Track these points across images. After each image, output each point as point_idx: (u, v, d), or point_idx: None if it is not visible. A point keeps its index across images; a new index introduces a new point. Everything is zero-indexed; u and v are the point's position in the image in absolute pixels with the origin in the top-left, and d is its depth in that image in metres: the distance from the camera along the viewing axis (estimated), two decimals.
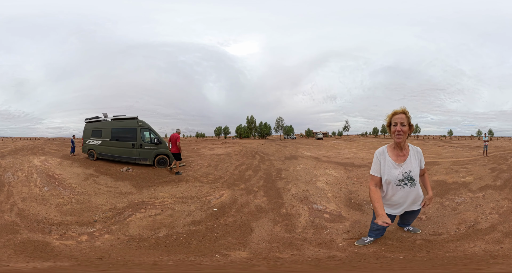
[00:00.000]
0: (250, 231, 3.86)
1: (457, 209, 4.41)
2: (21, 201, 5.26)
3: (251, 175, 7.85)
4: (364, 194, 5.49)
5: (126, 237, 3.66)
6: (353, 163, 10.12)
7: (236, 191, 6.01)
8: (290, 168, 8.81)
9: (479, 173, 7.43)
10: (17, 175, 7.22)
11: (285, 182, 6.71)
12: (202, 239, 3.58)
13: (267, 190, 6.01)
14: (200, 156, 14.00)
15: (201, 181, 7.19)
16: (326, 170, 8.31)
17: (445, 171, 7.91)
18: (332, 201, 5.08)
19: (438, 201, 4.82)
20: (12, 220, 4.30)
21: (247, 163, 10.47)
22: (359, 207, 4.77)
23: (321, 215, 4.37)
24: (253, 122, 74.99)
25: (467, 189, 5.60)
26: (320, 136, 62.67)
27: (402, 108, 2.79)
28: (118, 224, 4.21)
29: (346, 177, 7.13)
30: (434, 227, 3.71)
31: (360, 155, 14.21)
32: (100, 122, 12.03)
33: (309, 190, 5.76)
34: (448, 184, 6.10)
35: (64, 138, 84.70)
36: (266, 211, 4.68)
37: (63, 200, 5.46)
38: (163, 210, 4.80)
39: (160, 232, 3.83)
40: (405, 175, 2.83)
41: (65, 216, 4.63)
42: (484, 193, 5.18)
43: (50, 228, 4.10)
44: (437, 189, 5.64)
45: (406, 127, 2.74)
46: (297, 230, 3.84)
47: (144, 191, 6.34)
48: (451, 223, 3.82)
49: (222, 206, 4.97)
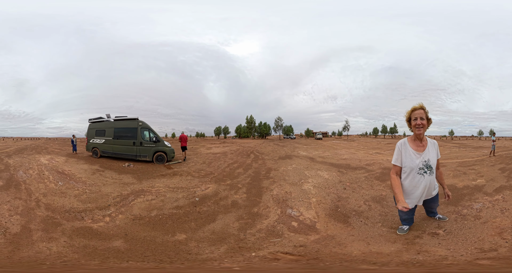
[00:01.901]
0: (211, 221, 4.27)
1: (481, 217, 3.78)
2: (43, 197, 5.60)
3: (240, 173, 8.32)
4: (356, 203, 4.88)
5: (132, 216, 4.59)
6: (349, 165, 9.68)
7: (221, 186, 6.57)
8: (280, 167, 8.88)
9: (489, 174, 7.02)
10: (29, 173, 7.55)
11: (271, 181, 6.75)
12: (176, 220, 4.38)
13: (250, 188, 6.23)
14: (197, 155, 14.80)
15: (193, 176, 8.05)
16: (318, 171, 8.03)
17: (452, 173, 7.31)
18: (313, 207, 4.67)
19: (453, 210, 4.17)
20: (46, 215, 4.63)
21: (240, 162, 11.00)
22: (344, 219, 4.16)
23: (289, 222, 4.10)
24: (253, 122, 75.68)
25: (483, 193, 5.07)
26: (320, 136, 62.32)
27: (420, 104, 3.12)
28: (125, 206, 5.12)
29: (338, 181, 6.63)
30: (464, 243, 2.98)
31: (358, 155, 13.74)
32: (104, 122, 12.97)
33: (292, 192, 5.57)
34: (459, 189, 5.50)
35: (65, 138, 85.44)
36: (239, 207, 4.94)
37: (79, 191, 6.12)
38: (157, 196, 5.72)
39: (152, 213, 4.76)
40: (424, 164, 3.09)
41: (85, 204, 5.30)
42: (502, 195, 4.72)
43: (81, 215, 4.67)
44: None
45: (425, 120, 3.08)
46: (249, 231, 3.86)
47: (143, 182, 7.28)
48: (484, 234, 3.15)
49: (204, 197, 5.63)
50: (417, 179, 3.10)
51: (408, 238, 3.24)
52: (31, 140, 59.09)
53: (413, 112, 3.12)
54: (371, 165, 9.56)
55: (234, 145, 26.68)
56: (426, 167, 3.09)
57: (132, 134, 11.64)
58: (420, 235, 3.27)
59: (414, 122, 3.09)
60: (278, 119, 68.48)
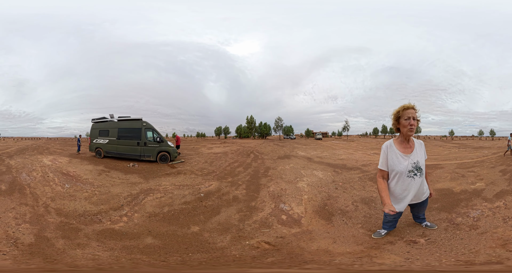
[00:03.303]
0: (216, 214, 4.71)
1: (478, 226, 3.38)
2: (51, 201, 5.34)
3: (240, 171, 8.69)
4: (344, 202, 5.01)
5: (147, 214, 4.83)
6: (345, 165, 9.84)
7: (223, 183, 6.97)
8: (278, 167, 9.17)
9: (489, 177, 6.65)
10: (33, 176, 7.21)
11: (268, 179, 7.13)
12: (187, 215, 4.77)
13: (249, 185, 6.66)
14: (199, 154, 15.09)
15: (196, 174, 8.37)
16: (314, 171, 8.26)
17: (450, 176, 7.04)
18: (303, 204, 4.96)
19: (445, 217, 3.84)
20: (59, 221, 4.39)
21: (240, 161, 11.32)
22: (328, 216, 4.33)
23: (279, 215, 4.48)
24: (253, 122, 75.96)
25: (481, 198, 4.69)
26: (319, 136, 62.45)
27: (411, 104, 2.93)
28: (138, 205, 5.32)
29: (331, 181, 6.83)
30: (444, 255, 2.65)
31: (355, 156, 13.81)
32: (107, 122, 13.13)
33: (286, 189, 5.88)
34: (456, 194, 5.16)
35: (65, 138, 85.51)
36: (239, 201, 5.37)
37: (88, 194, 6.03)
38: (165, 194, 6.03)
39: (164, 209, 5.06)
40: (414, 166, 2.92)
41: (98, 206, 5.25)
42: (504, 202, 4.34)
43: (98, 218, 4.62)
44: (443, 202, 4.64)
45: (415, 121, 2.90)
46: (247, 221, 4.28)
47: (150, 181, 7.56)
48: (481, 246, 2.78)
49: (208, 193, 6.03)
50: (407, 182, 2.94)
51: (378, 242, 3.13)
52: (32, 140, 58.97)
53: (405, 111, 2.90)
54: (367, 165, 9.71)
55: (234, 145, 26.83)
56: (416, 169, 2.94)
57: (136, 134, 11.90)
58: (394, 241, 3.08)
59: (407, 122, 2.87)
60: (278, 119, 68.74)
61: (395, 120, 2.99)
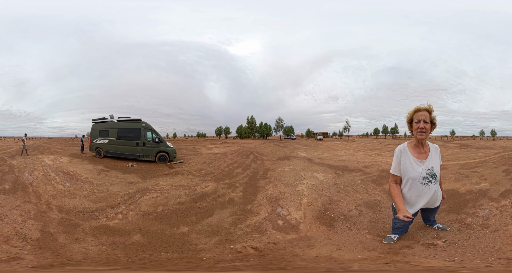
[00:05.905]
0: (209, 216, 4.72)
1: (489, 225, 3.45)
2: (53, 199, 5.62)
3: (239, 173, 8.63)
4: (347, 207, 4.82)
5: (141, 212, 4.99)
6: (346, 167, 9.51)
7: (220, 184, 6.93)
8: (278, 168, 8.93)
9: (493, 177, 6.64)
10: (35, 175, 7.45)
11: (267, 181, 6.94)
12: (179, 215, 4.84)
13: (246, 187, 6.55)
14: (198, 155, 15.12)
15: (194, 175, 8.45)
16: (314, 172, 7.97)
17: (454, 177, 7.00)
18: (303, 208, 4.75)
19: (455, 218, 3.88)
20: (61, 217, 4.68)
21: (239, 162, 11.26)
22: (330, 222, 4.14)
23: (275, 220, 4.31)
24: (254, 122, 76.04)
25: (487, 198, 4.73)
26: (320, 136, 62.01)
27: (427, 106, 2.75)
28: (134, 204, 5.47)
29: (333, 183, 6.56)
30: (476, 253, 2.66)
31: (357, 157, 13.48)
32: (107, 123, 13.26)
33: (285, 193, 5.66)
34: (461, 195, 5.18)
35: (66, 138, 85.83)
36: (234, 204, 5.31)
37: (87, 192, 6.29)
38: (161, 194, 6.12)
39: (158, 209, 5.17)
40: (428, 172, 2.76)
41: (96, 203, 5.49)
42: (510, 200, 4.42)
43: (95, 215, 4.86)
44: (450, 203, 4.63)
45: (428, 124, 2.69)
46: (239, 225, 4.19)
47: (148, 180, 7.68)
48: (499, 244, 2.81)
49: (204, 194, 6.05)
50: (420, 189, 2.79)
51: (393, 247, 2.98)
52: (33, 140, 59.06)
53: (416, 113, 2.74)
54: (369, 167, 9.46)
55: (234, 145, 26.75)
56: (431, 176, 2.77)
57: (136, 135, 12.03)
58: (410, 245, 2.98)
59: (417, 125, 2.71)
60: (279, 120, 68.85)
61: (409, 123, 2.85)
